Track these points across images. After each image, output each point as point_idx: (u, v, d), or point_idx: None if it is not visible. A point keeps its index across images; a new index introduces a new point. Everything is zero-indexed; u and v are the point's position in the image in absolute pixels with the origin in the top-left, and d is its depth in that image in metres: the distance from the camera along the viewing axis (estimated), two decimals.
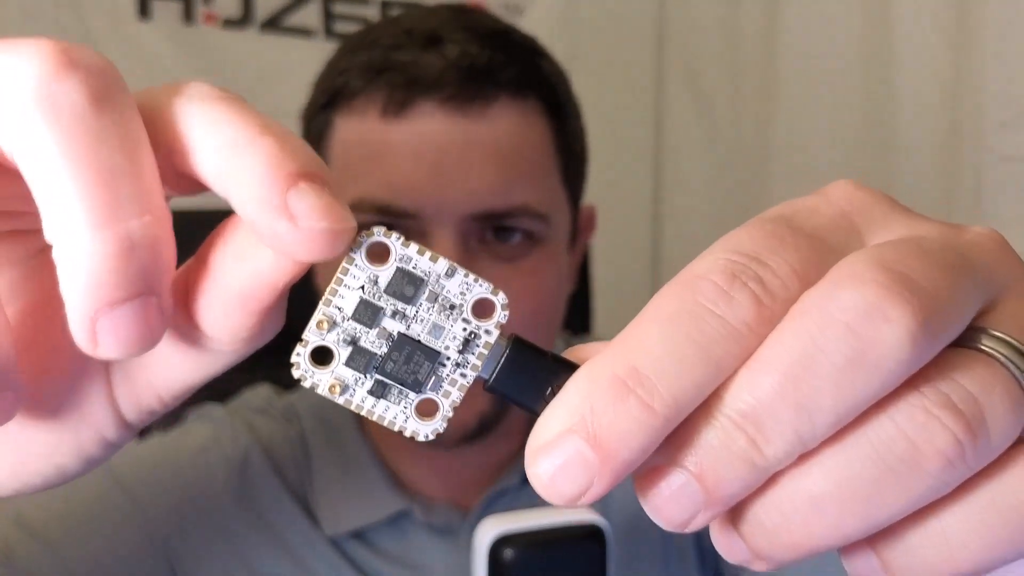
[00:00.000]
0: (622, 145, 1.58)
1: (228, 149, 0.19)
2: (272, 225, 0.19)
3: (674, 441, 0.19)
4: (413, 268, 0.21)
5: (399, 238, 0.21)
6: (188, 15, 1.40)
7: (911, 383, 0.19)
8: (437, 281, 0.21)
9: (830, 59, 1.27)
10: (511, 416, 0.62)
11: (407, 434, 0.22)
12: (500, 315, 0.21)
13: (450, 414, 0.22)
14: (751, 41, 1.43)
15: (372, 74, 0.57)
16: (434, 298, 0.21)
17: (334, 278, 0.21)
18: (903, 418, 0.18)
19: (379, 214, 0.56)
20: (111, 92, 0.19)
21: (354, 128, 0.58)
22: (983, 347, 0.19)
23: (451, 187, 0.55)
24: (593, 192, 0.70)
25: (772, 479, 0.19)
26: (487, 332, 0.21)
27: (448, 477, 0.65)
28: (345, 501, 0.62)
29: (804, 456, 0.19)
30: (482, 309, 0.21)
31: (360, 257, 0.21)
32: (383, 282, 0.21)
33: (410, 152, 0.56)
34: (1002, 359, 0.19)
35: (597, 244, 0.95)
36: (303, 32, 1.47)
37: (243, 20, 1.43)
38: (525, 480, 0.63)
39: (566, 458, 0.19)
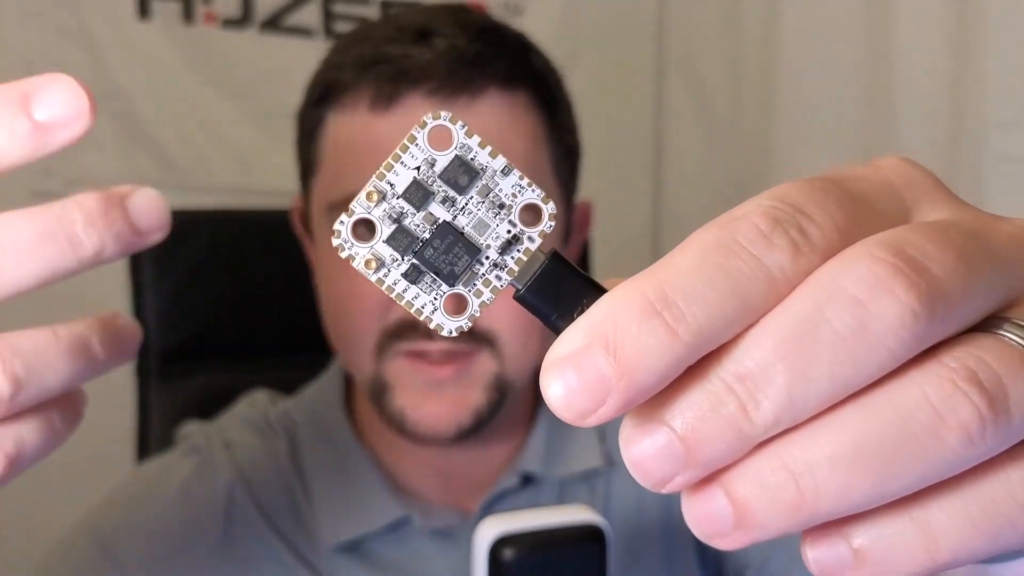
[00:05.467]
0: (622, 144, 1.58)
1: None
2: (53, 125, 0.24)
3: (665, 397, 0.19)
4: (472, 159, 0.21)
5: (464, 126, 0.21)
6: (188, 15, 1.40)
7: (937, 357, 0.19)
8: (492, 177, 0.21)
9: (830, 59, 1.27)
10: (507, 413, 0.61)
11: (432, 325, 0.21)
12: (546, 224, 0.21)
13: (477, 314, 0.21)
14: (751, 40, 1.43)
15: (362, 68, 0.57)
16: (486, 192, 0.21)
17: (392, 154, 0.21)
18: (931, 387, 0.18)
19: None
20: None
21: (344, 123, 0.58)
22: (1008, 334, 0.19)
23: None
24: (593, 191, 0.70)
25: (784, 436, 0.19)
26: (530, 239, 0.21)
27: (446, 478, 0.65)
28: (344, 509, 0.61)
29: (822, 415, 0.19)
30: (529, 216, 0.21)
31: (422, 138, 0.21)
32: (439, 167, 0.21)
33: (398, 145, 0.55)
34: None
35: (597, 242, 0.95)
36: (303, 32, 1.47)
37: (243, 20, 1.43)
38: (525, 481, 0.63)
39: (582, 372, 0.18)
